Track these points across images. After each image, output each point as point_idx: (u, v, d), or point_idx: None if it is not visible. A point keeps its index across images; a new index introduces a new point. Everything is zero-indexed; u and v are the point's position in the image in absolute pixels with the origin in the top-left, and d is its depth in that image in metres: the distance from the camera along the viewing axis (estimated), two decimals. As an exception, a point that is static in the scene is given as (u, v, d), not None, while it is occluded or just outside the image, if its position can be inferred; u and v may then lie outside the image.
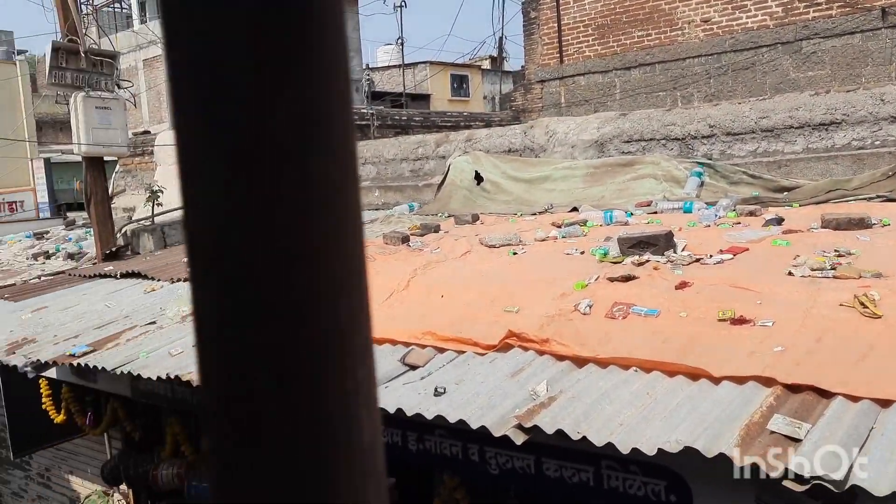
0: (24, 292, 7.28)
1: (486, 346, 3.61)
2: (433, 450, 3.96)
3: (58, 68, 7.88)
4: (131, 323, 5.54)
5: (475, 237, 5.93)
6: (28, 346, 5.49)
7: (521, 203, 7.59)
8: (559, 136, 7.95)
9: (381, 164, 9.77)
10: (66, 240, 10.75)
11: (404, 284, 4.79)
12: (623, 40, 12.29)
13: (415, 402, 3.19)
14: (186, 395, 5.33)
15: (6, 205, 25.41)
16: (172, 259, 7.59)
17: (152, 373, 4.32)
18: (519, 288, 4.25)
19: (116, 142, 8.14)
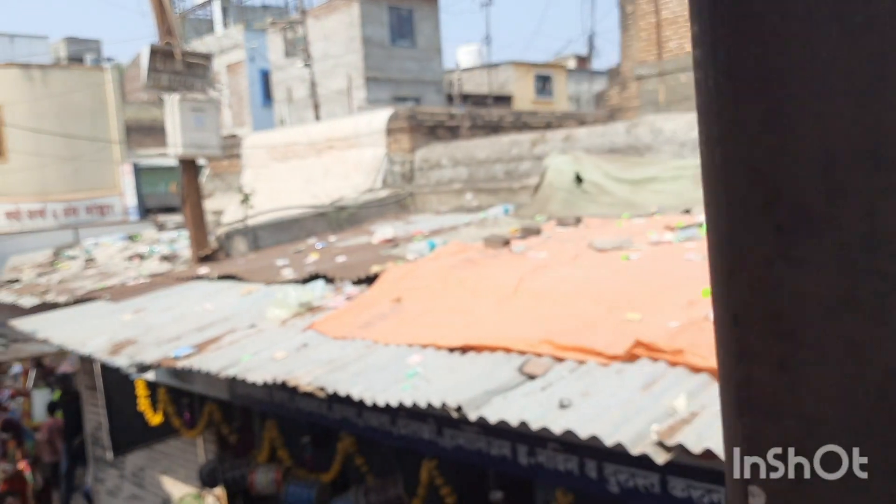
0: (123, 293, 7.34)
1: (610, 356, 3.33)
2: (546, 464, 3.71)
3: (155, 71, 7.95)
4: (231, 326, 5.46)
5: (582, 240, 5.64)
6: (131, 347, 5.47)
7: (625, 205, 7.24)
8: (666, 134, 7.57)
9: (473, 166, 9.55)
10: (158, 242, 10.92)
11: (512, 290, 4.55)
12: (724, 35, 11.71)
13: (538, 415, 2.93)
14: (285, 399, 5.22)
15: (96, 208, 26.32)
16: (266, 262, 7.54)
17: (258, 377, 4.20)
18: (639, 294, 3.95)
19: (210, 144, 8.18)
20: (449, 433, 4.23)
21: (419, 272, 5.32)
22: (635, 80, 13.18)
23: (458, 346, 3.94)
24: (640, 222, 6.25)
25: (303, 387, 3.90)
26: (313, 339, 4.71)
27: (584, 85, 47.59)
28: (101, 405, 10.08)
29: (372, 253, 6.93)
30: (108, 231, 16.70)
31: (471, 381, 3.45)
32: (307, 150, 11.54)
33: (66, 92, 24.59)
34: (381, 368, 3.94)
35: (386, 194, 9.95)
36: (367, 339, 4.42)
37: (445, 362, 3.85)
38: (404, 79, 31.41)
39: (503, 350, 3.72)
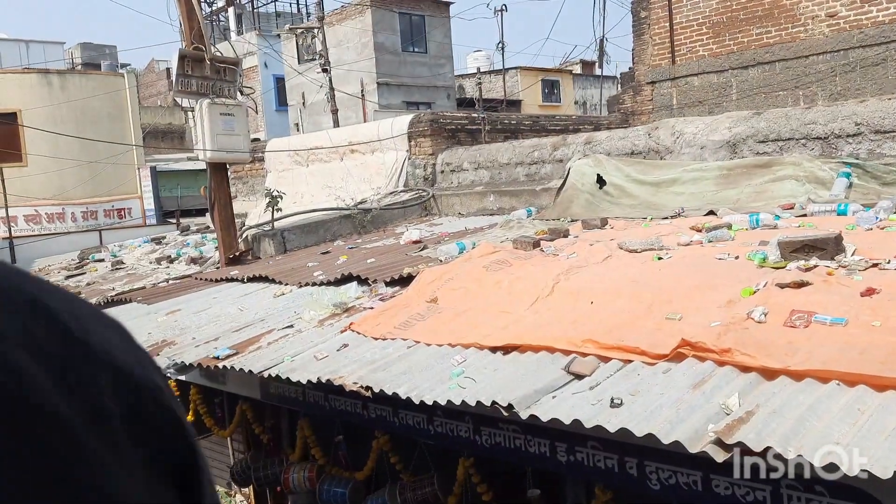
0: (155, 295, 7.48)
1: (655, 356, 3.43)
2: (586, 462, 3.80)
3: (184, 76, 8.08)
4: (268, 326, 5.58)
5: (610, 242, 5.74)
6: (168, 348, 5.60)
7: (647, 207, 7.35)
8: (687, 136, 7.66)
9: (495, 169, 9.66)
10: (184, 245, 11.06)
11: (549, 290, 4.66)
12: (740, 38, 11.82)
13: (590, 414, 3.04)
14: (319, 398, 5.32)
15: (115, 211, 26.56)
16: (296, 263, 7.67)
17: (301, 377, 4.32)
18: (676, 294, 4.06)
19: (239, 147, 8.30)
20: (486, 431, 4.33)
21: (453, 273, 5.43)
22: (649, 84, 13.28)
23: (501, 345, 4.05)
24: (666, 224, 6.34)
25: (349, 386, 4.02)
26: (352, 340, 4.83)
27: (591, 90, 47.76)
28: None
29: (401, 254, 7.05)
30: (129, 234, 16.91)
31: (517, 380, 3.56)
32: (330, 154, 11.68)
33: (83, 97, 24.81)
34: (425, 368, 4.05)
35: (408, 197, 10.07)
36: (408, 340, 4.54)
37: (489, 362, 3.96)
38: (416, 84, 31.62)
39: (546, 350, 3.83)
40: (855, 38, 10.38)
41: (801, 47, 10.89)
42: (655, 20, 12.80)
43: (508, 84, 41.95)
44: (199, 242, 10.89)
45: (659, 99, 13.01)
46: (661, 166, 7.66)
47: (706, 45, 12.29)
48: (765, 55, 11.50)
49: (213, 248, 10.02)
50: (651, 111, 13.10)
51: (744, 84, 11.89)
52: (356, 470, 6.02)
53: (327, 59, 17.63)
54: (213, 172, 8.40)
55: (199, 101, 8.08)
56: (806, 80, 10.76)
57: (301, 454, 6.43)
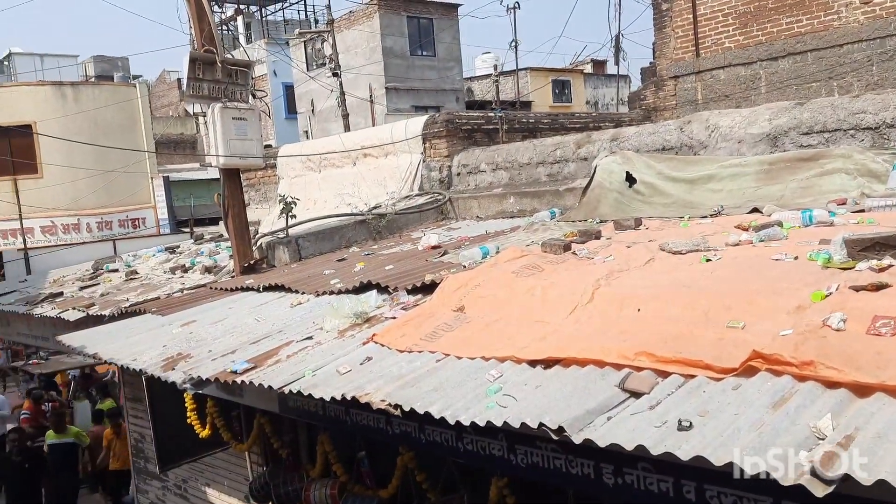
0: (169, 306, 7.18)
1: (721, 370, 3.06)
2: (636, 485, 3.43)
3: (195, 80, 7.79)
4: (286, 338, 5.25)
5: (650, 243, 5.36)
6: (184, 361, 5.28)
7: (682, 206, 6.96)
8: (723, 130, 7.27)
9: (515, 170, 9.30)
10: (198, 253, 10.78)
11: (588, 297, 4.29)
12: (769, 28, 11.41)
13: (656, 439, 2.67)
14: (339, 412, 4.98)
15: (129, 221, 26.47)
16: (312, 271, 7.34)
17: (324, 393, 3.98)
18: (735, 300, 3.67)
19: (252, 153, 8.00)
20: (522, 450, 3.97)
21: (480, 280, 5.07)
22: (671, 79, 12.89)
23: (541, 359, 3.69)
24: (707, 223, 5.96)
25: (376, 404, 3.67)
26: (376, 352, 4.48)
27: (602, 89, 47.43)
28: (147, 419, 9.97)
29: (421, 260, 6.70)
30: (143, 244, 16.68)
31: (564, 398, 3.20)
32: (342, 159, 11.36)
33: (97, 108, 24.74)
34: (458, 384, 3.69)
35: (424, 201, 9.72)
36: (436, 352, 4.18)
37: (529, 377, 3.60)
38: (424, 88, 31.42)
39: (594, 364, 3.46)
40: (893, 26, 9.95)
41: (834, 36, 10.48)
42: (678, 12, 12.41)
43: (520, 85, 41.68)
44: (212, 251, 10.60)
45: (682, 94, 12.62)
46: (696, 162, 7.27)
47: (732, 37, 11.88)
48: (796, 45, 11.09)
49: (228, 256, 9.72)
50: (674, 107, 12.71)
51: (773, 76, 11.48)
52: (380, 488, 5.69)
53: (337, 63, 17.38)
54: (226, 179, 8.09)
55: (210, 105, 7.78)
56: (840, 71, 10.34)
57: (322, 470, 6.13)
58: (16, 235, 23.01)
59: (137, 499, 10.77)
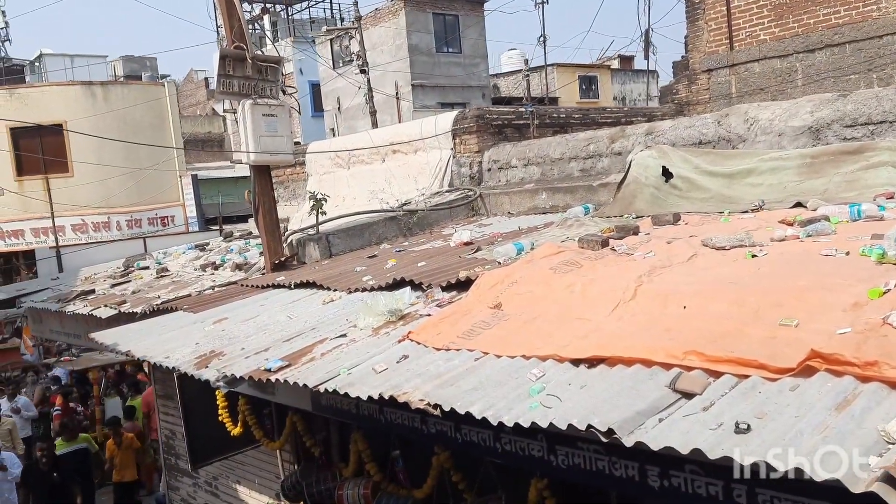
0: (201, 303, 7.16)
1: (777, 370, 2.93)
2: (683, 487, 3.30)
3: (225, 76, 7.75)
4: (320, 336, 5.19)
5: (691, 238, 5.23)
6: (217, 359, 5.24)
7: (721, 200, 6.80)
8: (762, 123, 7.10)
9: (547, 165, 9.17)
10: (228, 251, 10.78)
11: (631, 294, 4.17)
12: (805, 20, 11.17)
13: (713, 441, 2.56)
14: (374, 411, 4.91)
15: (159, 219, 26.69)
16: (343, 268, 7.28)
17: (360, 392, 3.90)
18: (786, 297, 3.54)
19: (283, 149, 7.95)
20: (563, 451, 3.87)
21: (516, 276, 4.97)
22: (704, 72, 12.67)
23: (584, 357, 3.58)
24: (749, 218, 5.80)
25: (414, 404, 3.59)
26: (412, 350, 4.40)
27: (629, 85, 47.03)
28: (179, 416, 9.98)
29: (454, 257, 6.61)
30: (172, 241, 16.78)
31: (612, 399, 3.09)
32: (371, 156, 11.30)
33: (126, 108, 24.97)
34: (499, 383, 3.59)
35: (454, 197, 9.63)
36: (474, 350, 4.09)
37: (572, 377, 3.49)
38: (450, 85, 31.31)
39: (641, 363, 3.34)
40: (933, 16, 9.69)
41: (873, 27, 10.22)
42: (711, 4, 12.20)
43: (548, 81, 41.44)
44: (242, 248, 10.59)
45: (716, 87, 12.40)
46: (734, 156, 7.10)
47: (767, 29, 11.65)
48: (833, 37, 10.84)
49: (258, 253, 9.70)
50: (707, 101, 12.50)
51: (810, 69, 11.23)
52: (415, 487, 5.61)
53: (365, 60, 17.29)
54: (256, 176, 8.05)
55: (241, 102, 7.74)
56: (880, 62, 10.08)
57: (355, 469, 6.05)
58: (47, 234, 23.33)
59: (169, 495, 10.81)
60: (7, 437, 11.80)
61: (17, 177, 23.66)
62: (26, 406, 13.09)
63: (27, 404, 13.19)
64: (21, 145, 23.53)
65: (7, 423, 12.00)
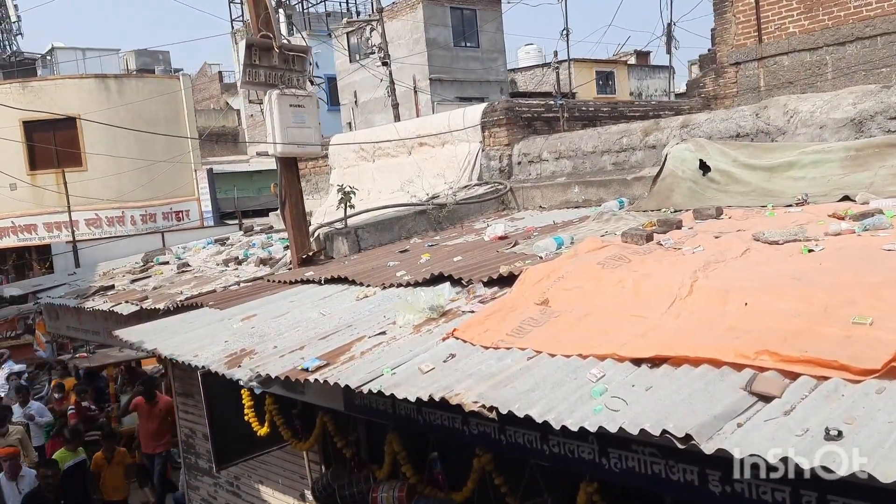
0: (227, 299, 7.03)
1: (859, 371, 2.77)
2: (747, 493, 3.16)
3: (251, 66, 7.61)
4: (357, 333, 5.05)
5: (740, 233, 5.06)
6: (248, 358, 5.11)
7: (761, 194, 6.62)
8: (802, 115, 6.91)
9: (578, 158, 9.00)
10: (250, 245, 10.65)
11: (687, 290, 4.01)
12: (836, 12, 10.94)
13: (802, 449, 2.40)
14: (411, 411, 4.76)
15: (173, 214, 26.62)
16: (375, 263, 7.14)
17: (408, 393, 3.75)
18: (858, 294, 3.37)
19: (311, 140, 7.80)
20: (616, 454, 3.72)
21: (563, 271, 4.82)
22: (732, 66, 12.45)
23: (647, 357, 3.43)
24: (797, 212, 5.63)
25: (468, 406, 3.44)
26: (459, 349, 4.25)
27: (646, 80, 46.73)
28: (199, 414, 9.83)
29: (491, 252, 6.46)
30: (189, 236, 16.68)
31: (683, 402, 2.93)
32: (397, 148, 11.14)
33: (140, 101, 24.88)
34: (557, 384, 3.44)
35: (484, 190, 9.47)
36: (526, 349, 3.94)
37: (634, 377, 3.34)
38: (468, 79, 31.15)
39: (709, 363, 3.19)
40: (971, 7, 9.46)
41: (908, 19, 9.99)
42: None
43: (562, 76, 41.23)
44: (265, 243, 10.46)
45: (744, 81, 12.19)
46: (774, 149, 6.92)
47: (797, 22, 11.43)
48: (865, 29, 10.62)
49: (282, 248, 9.56)
50: (735, 94, 12.29)
51: (841, 62, 11.01)
52: (453, 490, 5.46)
53: (387, 53, 17.11)
54: (283, 168, 7.91)
55: (267, 92, 7.60)
56: (914, 55, 9.86)
57: (389, 471, 5.89)
58: (60, 228, 23.26)
59: (188, 494, 10.69)
60: (17, 446, 10.41)
61: (31, 171, 23.60)
62: (40, 412, 12.05)
63: (41, 409, 12.18)
64: (34, 139, 23.46)
65: (16, 432, 10.61)
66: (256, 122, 39.72)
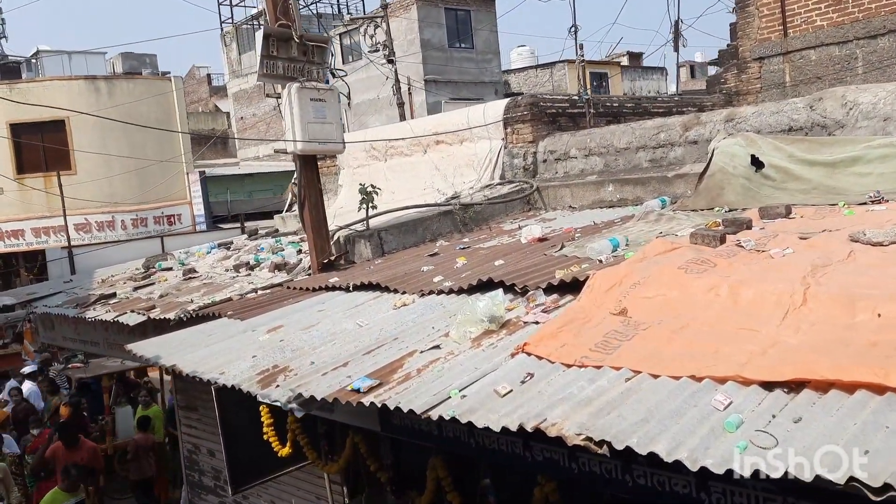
0: (247, 309, 6.47)
1: None
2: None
3: (269, 58, 7.05)
4: (406, 347, 4.51)
5: (834, 233, 4.57)
6: (283, 376, 4.56)
7: (825, 192, 6.14)
8: (863, 107, 6.43)
9: (611, 155, 8.49)
10: (258, 249, 10.07)
11: (799, 298, 3.50)
12: (866, 4, 10.50)
13: None
14: (462, 433, 4.23)
15: (165, 218, 25.94)
16: (406, 268, 6.60)
17: (489, 421, 3.23)
18: None
19: (332, 137, 7.24)
20: (719, 487, 3.22)
21: (637, 277, 4.30)
22: (755, 60, 11.99)
23: (781, 381, 2.91)
24: (881, 210, 5.14)
25: (571, 439, 2.91)
26: (535, 367, 3.72)
27: (640, 81, 46.42)
28: (203, 429, 9.26)
29: (536, 255, 5.94)
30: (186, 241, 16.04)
31: (856, 438, 2.41)
32: (411, 147, 10.60)
33: (130, 102, 24.23)
34: (675, 413, 2.92)
35: (509, 190, 8.94)
36: (621, 368, 3.41)
37: (772, 406, 2.81)
38: (463, 80, 30.70)
39: (870, 388, 2.67)
40: None
41: (947, 9, 9.55)
42: (765, -12, 11.53)
43: (555, 78, 40.85)
44: (275, 247, 9.88)
45: (768, 76, 11.73)
46: (833, 143, 6.44)
47: (825, 14, 10.98)
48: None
49: (295, 252, 9.01)
50: (759, 90, 11.83)
51: (872, 56, 10.56)
52: (508, 521, 4.93)
53: (392, 50, 16.57)
54: (302, 167, 7.33)
55: (287, 85, 7.04)
56: (954, 47, 9.42)
57: (432, 498, 5.34)
58: (49, 234, 22.54)
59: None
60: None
61: (18, 174, 22.90)
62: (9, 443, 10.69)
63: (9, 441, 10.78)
64: (22, 143, 22.78)
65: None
66: (246, 124, 39.08)
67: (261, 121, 37.69)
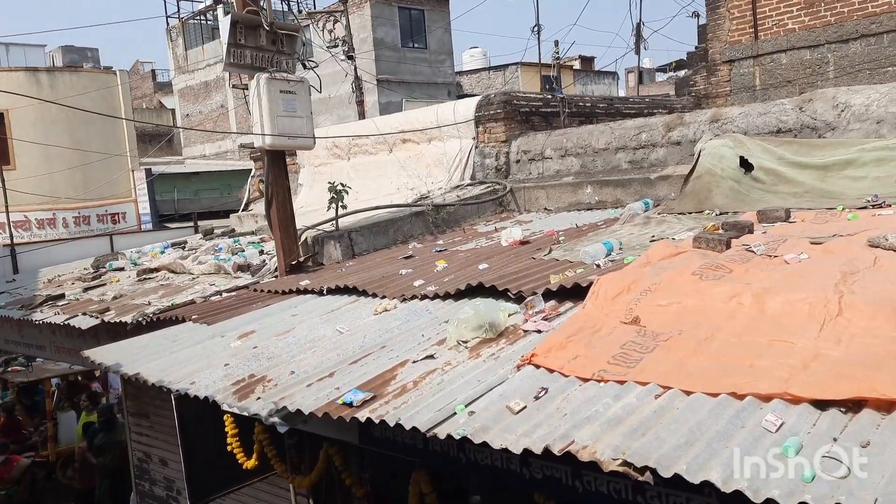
0: (212, 312, 6.02)
1: None
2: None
3: (236, 45, 6.61)
4: (397, 356, 4.15)
5: (852, 237, 4.35)
6: (262, 387, 4.16)
7: (816, 195, 5.98)
8: (855, 109, 6.29)
9: (588, 156, 8.24)
10: (215, 249, 9.56)
11: (835, 308, 3.25)
12: (839, 8, 10.49)
13: None
14: (450, 447, 3.89)
15: (109, 216, 24.99)
16: (381, 271, 6.23)
17: (507, 442, 2.90)
18: None
19: (303, 132, 6.82)
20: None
21: (646, 283, 4.02)
22: (725, 63, 11.93)
23: (838, 399, 2.64)
24: (889, 213, 4.97)
25: (608, 465, 2.59)
26: (547, 380, 3.40)
27: (591, 86, 46.70)
28: (155, 437, 8.74)
29: (523, 258, 5.64)
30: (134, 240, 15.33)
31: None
32: (376, 145, 10.21)
33: (73, 96, 23.27)
34: (721, 436, 2.61)
35: (481, 191, 8.63)
36: (648, 383, 3.11)
37: (831, 427, 2.54)
38: (416, 81, 30.36)
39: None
40: None
41: (917, 15, 9.57)
42: (735, -10, 11.46)
43: (508, 80, 40.77)
44: (233, 247, 9.39)
45: (738, 79, 11.67)
46: (824, 146, 6.28)
47: (796, 18, 10.95)
48: (870, 26, 10.18)
49: (257, 252, 8.54)
50: (728, 93, 11.76)
51: (843, 60, 10.56)
52: (500, 542, 4.60)
53: (351, 45, 16.14)
54: (270, 162, 6.89)
55: (255, 76, 6.61)
56: (926, 53, 9.44)
57: (414, 516, 4.99)
58: (-16, 231, 21.48)
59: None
60: None
61: (-48, 169, 21.80)
62: None
63: None
64: (-43, 135, 21.70)
65: None
66: (192, 122, 38.00)
67: (207, 118, 36.73)
